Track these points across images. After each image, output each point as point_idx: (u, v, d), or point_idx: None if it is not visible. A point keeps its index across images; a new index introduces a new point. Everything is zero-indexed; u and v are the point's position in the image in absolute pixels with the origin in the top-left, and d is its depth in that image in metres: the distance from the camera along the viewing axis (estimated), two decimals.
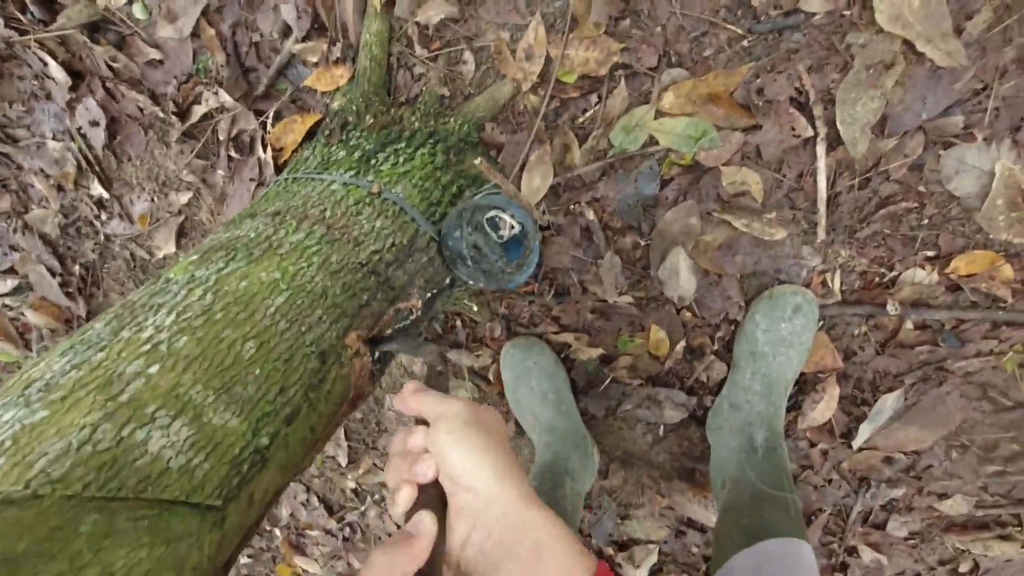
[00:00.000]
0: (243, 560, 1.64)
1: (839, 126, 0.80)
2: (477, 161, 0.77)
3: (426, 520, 0.39)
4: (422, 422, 0.45)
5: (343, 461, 1.34)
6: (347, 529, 1.47)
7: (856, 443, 1.02)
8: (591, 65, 0.84)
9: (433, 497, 0.42)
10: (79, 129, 1.03)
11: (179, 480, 0.40)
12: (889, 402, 0.97)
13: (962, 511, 1.07)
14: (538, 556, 0.39)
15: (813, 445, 1.06)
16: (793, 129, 0.83)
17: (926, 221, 0.86)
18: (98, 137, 1.03)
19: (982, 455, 1.01)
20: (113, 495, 0.36)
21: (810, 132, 0.82)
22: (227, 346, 0.49)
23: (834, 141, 0.83)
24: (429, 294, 0.79)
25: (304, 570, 1.59)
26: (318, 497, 1.44)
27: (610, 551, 1.30)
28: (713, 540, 0.92)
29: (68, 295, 1.21)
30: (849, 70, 0.78)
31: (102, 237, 1.16)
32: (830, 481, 1.10)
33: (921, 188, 0.83)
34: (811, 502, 1.13)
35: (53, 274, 1.19)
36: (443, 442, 0.42)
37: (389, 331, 0.70)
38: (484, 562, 0.40)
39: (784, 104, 0.81)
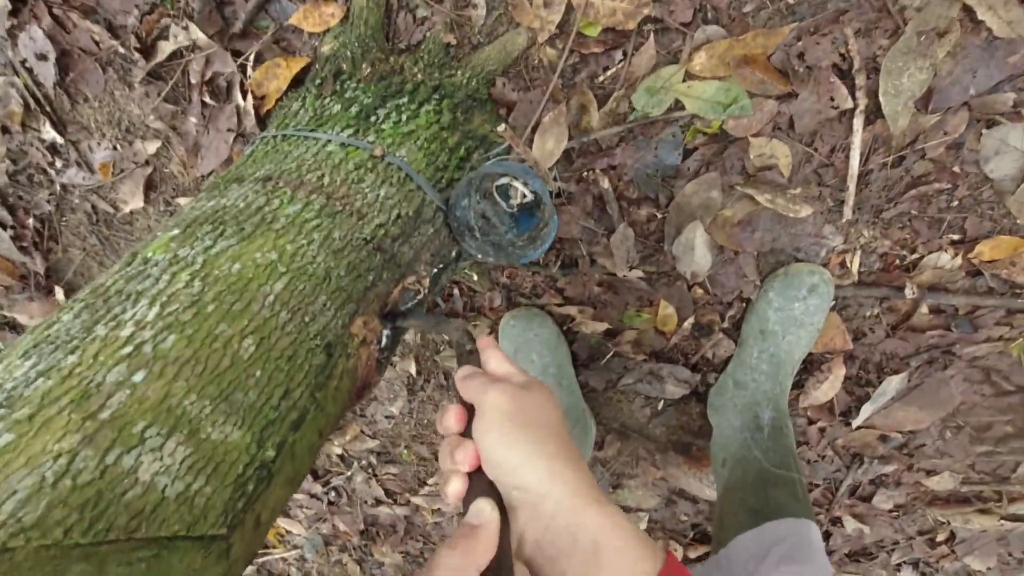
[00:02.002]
0: None
1: (881, 98, 0.75)
2: (501, 128, 0.69)
3: (486, 509, 0.37)
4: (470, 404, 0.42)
5: None
6: (332, 493, 1.44)
7: (856, 422, 1.01)
8: (618, 17, 0.76)
9: (487, 482, 0.39)
10: (24, 62, 0.90)
11: (178, 511, 0.34)
12: (893, 383, 0.97)
13: (948, 487, 1.09)
14: (596, 557, 0.36)
15: (812, 422, 1.06)
16: (832, 99, 0.76)
17: (956, 203, 0.82)
18: (47, 73, 0.90)
19: (975, 435, 1.02)
20: (101, 539, 0.30)
21: (849, 103, 0.76)
22: (223, 345, 0.42)
23: (873, 114, 0.77)
24: (436, 269, 0.72)
25: (288, 531, 1.57)
26: None
27: None
28: (715, 519, 0.92)
29: (23, 249, 1.10)
30: (900, 36, 0.71)
31: (58, 187, 1.04)
32: (823, 456, 1.11)
33: (956, 168, 0.79)
34: (803, 476, 1.14)
35: (4, 226, 1.08)
36: (485, 441, 0.39)
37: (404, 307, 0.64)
38: (541, 557, 0.38)
39: (826, 71, 0.75)
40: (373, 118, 0.73)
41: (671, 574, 0.35)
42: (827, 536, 1.22)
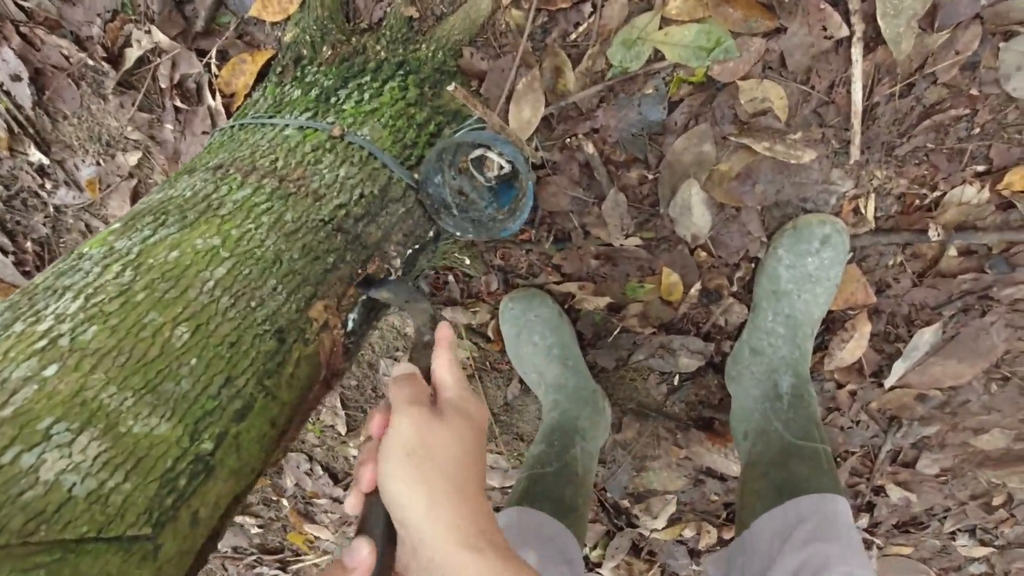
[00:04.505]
0: (254, 529, 1.62)
1: (880, 21, 0.68)
2: (451, 87, 0.65)
3: (363, 550, 0.36)
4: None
5: (342, 430, 1.28)
6: None
7: (888, 382, 0.94)
8: None
9: (383, 509, 0.37)
10: (1, 86, 0.90)
11: (88, 511, 0.31)
12: (926, 337, 0.89)
13: (999, 445, 1.00)
14: None
15: (841, 386, 0.99)
16: (824, 29, 0.70)
17: (977, 130, 0.74)
18: (24, 94, 0.90)
19: None
20: None
21: (845, 31, 0.69)
22: (151, 334, 0.39)
23: (872, 41, 0.70)
24: (409, 250, 0.69)
25: (316, 537, 1.56)
26: (321, 466, 1.39)
27: (626, 503, 1.25)
28: (737, 498, 0.86)
29: (26, 274, 1.12)
30: None
31: (51, 209, 1.05)
32: (857, 422, 1.03)
33: (973, 91, 0.71)
34: (837, 445, 1.06)
35: (4, 252, 1.09)
36: (381, 471, 0.37)
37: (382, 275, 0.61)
38: None
39: None
40: (333, 99, 0.70)
41: None
42: (871, 507, 1.15)
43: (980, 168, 0.76)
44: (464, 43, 0.79)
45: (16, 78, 0.89)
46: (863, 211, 0.82)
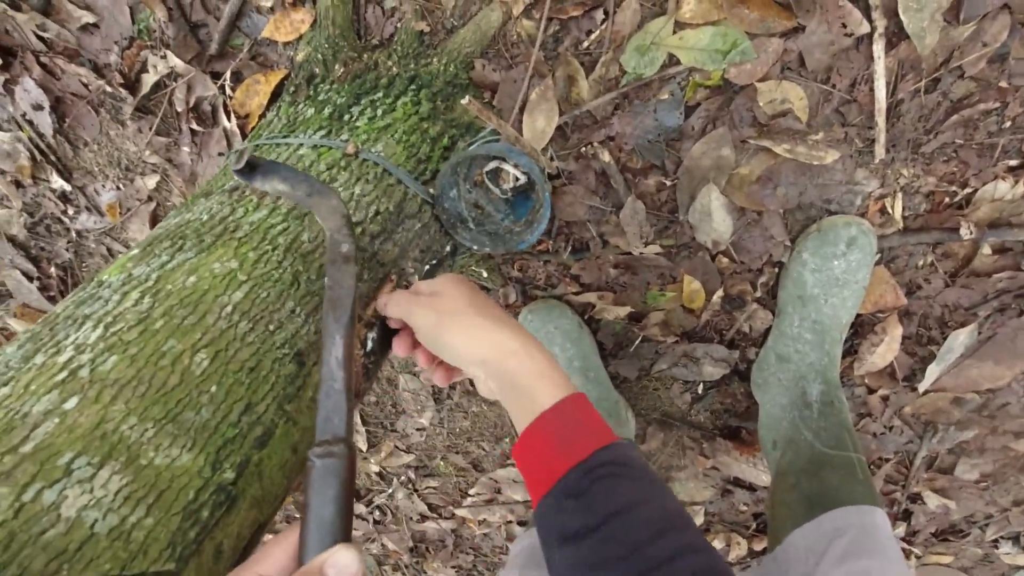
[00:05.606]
0: None
1: (902, 16, 0.66)
2: (465, 100, 0.65)
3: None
4: None
5: (363, 446, 1.27)
6: (377, 512, 1.42)
7: (922, 386, 0.91)
8: None
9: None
10: (24, 115, 0.92)
11: (110, 548, 0.31)
12: (961, 338, 0.86)
13: None
14: (514, 392, 0.47)
15: (872, 392, 0.96)
16: (844, 26, 0.68)
17: (1008, 124, 0.72)
18: (45, 122, 0.92)
19: None
20: None
21: (866, 28, 0.68)
22: (171, 362, 0.39)
23: (895, 36, 0.68)
24: (427, 266, 0.68)
25: None
26: None
27: None
28: (768, 509, 0.83)
29: (51, 299, 1.13)
30: None
31: (74, 234, 1.07)
32: (891, 428, 1.00)
33: (1003, 83, 0.69)
34: (870, 452, 1.03)
35: (30, 278, 1.11)
36: (434, 349, 0.50)
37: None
38: (500, 397, 0.49)
39: None
40: (347, 116, 0.70)
41: (570, 403, 0.44)
42: (908, 515, 1.11)
43: (1013, 163, 0.73)
44: (476, 55, 0.78)
45: (38, 107, 0.90)
46: (890, 211, 0.79)
